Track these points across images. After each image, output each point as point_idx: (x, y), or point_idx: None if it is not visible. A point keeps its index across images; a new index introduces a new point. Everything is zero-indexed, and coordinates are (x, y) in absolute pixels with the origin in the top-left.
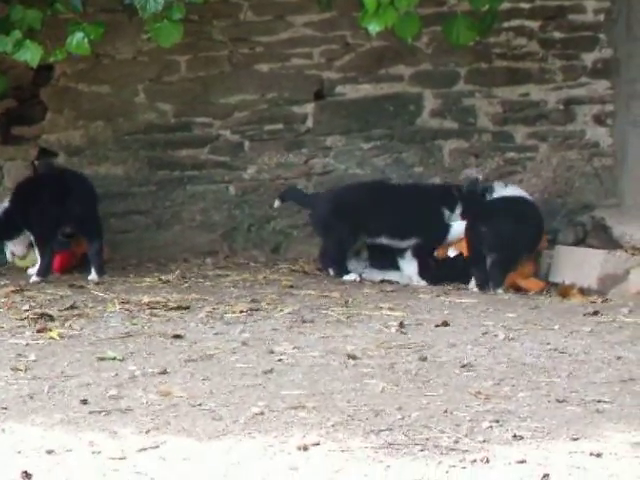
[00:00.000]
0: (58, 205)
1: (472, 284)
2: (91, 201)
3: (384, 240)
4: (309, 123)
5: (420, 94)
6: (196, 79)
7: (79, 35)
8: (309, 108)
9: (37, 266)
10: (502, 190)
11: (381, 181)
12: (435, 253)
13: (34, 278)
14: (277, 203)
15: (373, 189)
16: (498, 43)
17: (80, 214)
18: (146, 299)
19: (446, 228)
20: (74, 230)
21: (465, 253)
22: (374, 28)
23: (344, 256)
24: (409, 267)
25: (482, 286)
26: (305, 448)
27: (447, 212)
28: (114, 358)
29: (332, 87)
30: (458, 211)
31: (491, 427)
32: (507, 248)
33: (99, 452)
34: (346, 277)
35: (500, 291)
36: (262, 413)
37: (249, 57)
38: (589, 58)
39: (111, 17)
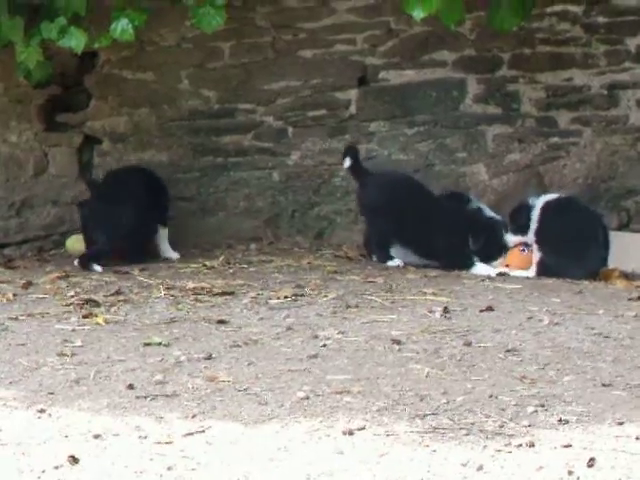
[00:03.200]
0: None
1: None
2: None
3: None
4: (352, 109)
5: (463, 80)
6: (239, 65)
7: (123, 21)
8: (352, 94)
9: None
10: None
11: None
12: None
13: None
14: (348, 162)
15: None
16: (541, 28)
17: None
18: (191, 285)
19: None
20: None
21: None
22: (418, 14)
23: (388, 242)
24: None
25: None
26: (350, 432)
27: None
28: (159, 343)
29: (375, 73)
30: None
31: (536, 411)
32: None
33: (145, 437)
34: (390, 263)
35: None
36: (307, 398)
37: (292, 43)
38: (633, 43)
39: (155, 4)
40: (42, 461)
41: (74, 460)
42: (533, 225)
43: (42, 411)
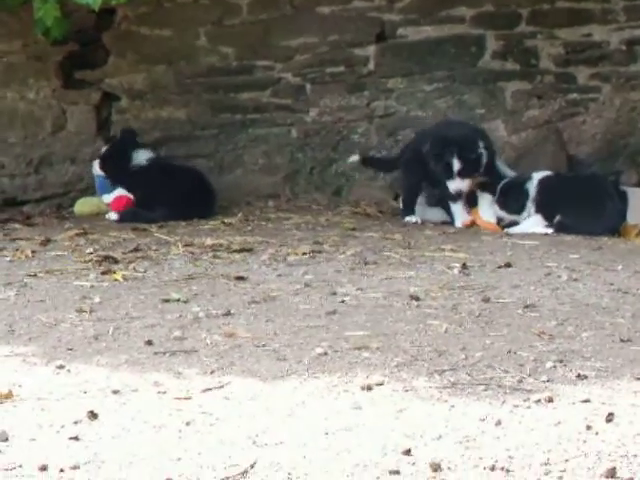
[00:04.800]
0: None
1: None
2: None
3: None
4: (370, 65)
5: (482, 36)
6: (257, 22)
7: None
8: (370, 50)
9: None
10: None
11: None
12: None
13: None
14: (354, 158)
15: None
16: None
17: None
18: (209, 242)
19: None
20: None
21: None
22: None
23: (413, 199)
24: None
25: None
26: (369, 388)
27: None
28: (178, 300)
29: (393, 29)
30: None
31: (555, 367)
32: None
33: (164, 392)
34: (407, 218)
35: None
36: (326, 354)
37: (310, 0)
38: None
39: None
40: (61, 416)
41: (93, 415)
42: (532, 202)
43: (61, 367)
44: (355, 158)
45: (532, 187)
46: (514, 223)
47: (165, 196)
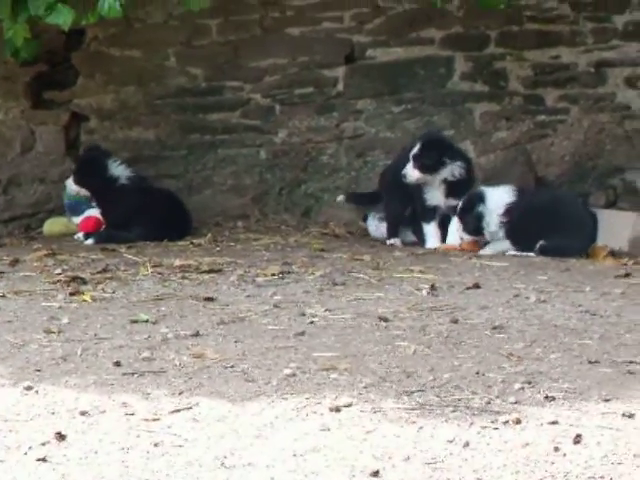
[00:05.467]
0: None
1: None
2: None
3: None
4: (340, 87)
5: (451, 57)
6: (227, 43)
7: None
8: (340, 72)
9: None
10: None
11: None
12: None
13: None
14: (340, 198)
15: None
16: (529, 6)
17: None
18: (178, 262)
19: None
20: None
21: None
22: None
23: (397, 222)
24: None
25: None
26: (337, 409)
27: None
28: (146, 321)
29: (363, 50)
30: None
31: (523, 388)
32: None
33: (132, 413)
34: (388, 241)
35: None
36: (294, 375)
37: (280, 21)
38: (620, 20)
39: None
40: (29, 438)
41: (61, 437)
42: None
43: (29, 388)
44: (341, 198)
45: (494, 208)
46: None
47: (142, 216)
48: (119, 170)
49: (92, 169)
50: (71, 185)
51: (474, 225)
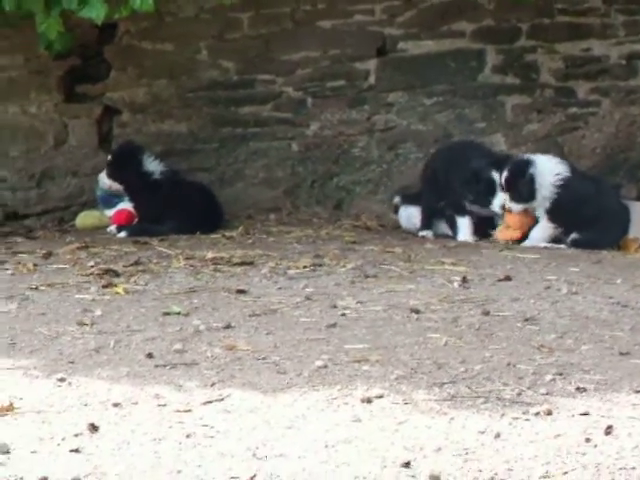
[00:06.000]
0: None
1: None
2: None
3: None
4: (371, 80)
5: (482, 50)
6: (258, 36)
7: None
8: (371, 64)
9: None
10: None
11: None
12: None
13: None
14: (397, 200)
15: None
16: None
17: None
18: (210, 255)
19: None
20: None
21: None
22: None
23: (430, 215)
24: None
25: None
26: (369, 400)
27: None
28: (179, 313)
29: (394, 43)
30: None
31: (554, 380)
32: None
33: (165, 405)
34: (420, 233)
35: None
36: (326, 366)
37: (311, 14)
38: None
39: None
40: (62, 429)
41: (94, 428)
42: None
43: (62, 380)
44: (397, 200)
45: (546, 173)
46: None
47: (174, 209)
48: (153, 165)
49: (126, 163)
50: (104, 179)
51: (528, 190)
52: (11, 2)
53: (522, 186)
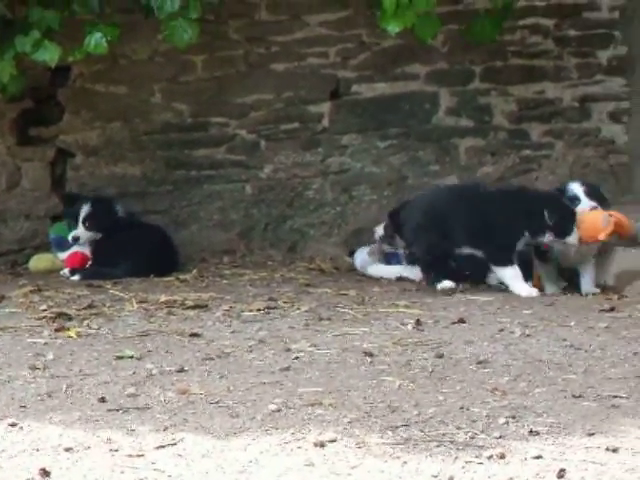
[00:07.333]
0: None
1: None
2: None
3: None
4: (325, 122)
5: (436, 93)
6: (212, 79)
7: (97, 35)
8: (325, 107)
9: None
10: None
11: None
12: None
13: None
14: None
15: None
16: (513, 41)
17: None
18: (164, 298)
19: None
20: None
21: None
22: (393, 28)
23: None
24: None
25: None
26: (322, 445)
27: None
28: (132, 356)
29: (348, 86)
30: None
31: (507, 423)
32: None
33: (117, 450)
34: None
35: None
36: (279, 410)
37: (265, 57)
38: (604, 55)
39: (127, 18)
40: (13, 474)
41: (45, 473)
42: None
43: (13, 425)
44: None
45: None
46: None
47: (129, 252)
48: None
49: (105, 212)
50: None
51: None
52: None
53: None
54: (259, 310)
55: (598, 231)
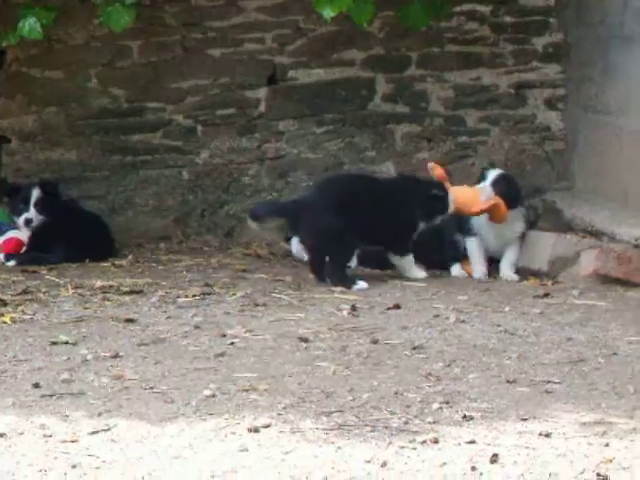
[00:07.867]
0: None
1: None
2: None
3: None
4: (261, 108)
5: (372, 79)
6: (148, 64)
7: (31, 20)
8: (261, 93)
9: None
10: None
11: None
12: None
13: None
14: (252, 224)
15: None
16: (450, 28)
17: None
18: (99, 283)
19: None
20: None
21: None
22: (329, 13)
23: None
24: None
25: None
26: (256, 430)
27: None
28: (66, 342)
29: (284, 72)
30: None
31: (441, 408)
32: None
33: (50, 435)
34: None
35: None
36: (214, 396)
37: (201, 42)
38: (540, 42)
39: (63, 1)
40: None
41: None
42: None
43: None
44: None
45: None
46: None
47: (64, 238)
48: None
49: (55, 195)
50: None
51: None
52: None
53: None
54: (195, 296)
55: (475, 204)
